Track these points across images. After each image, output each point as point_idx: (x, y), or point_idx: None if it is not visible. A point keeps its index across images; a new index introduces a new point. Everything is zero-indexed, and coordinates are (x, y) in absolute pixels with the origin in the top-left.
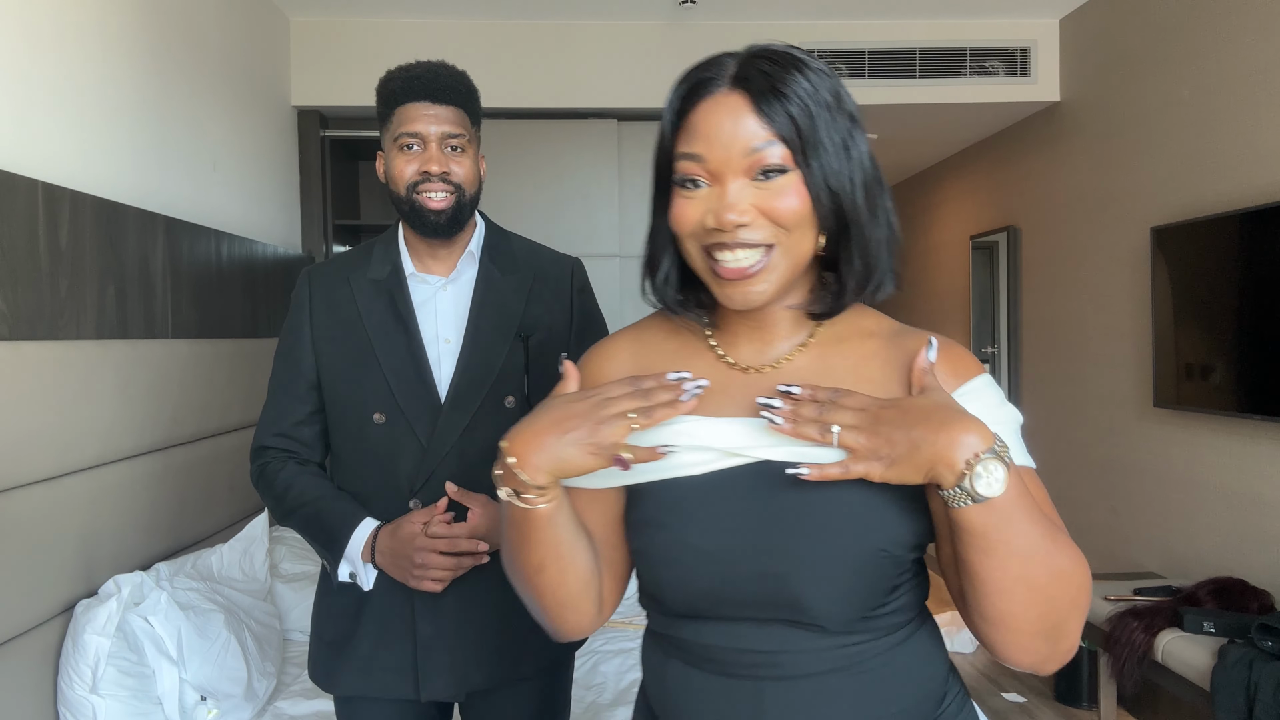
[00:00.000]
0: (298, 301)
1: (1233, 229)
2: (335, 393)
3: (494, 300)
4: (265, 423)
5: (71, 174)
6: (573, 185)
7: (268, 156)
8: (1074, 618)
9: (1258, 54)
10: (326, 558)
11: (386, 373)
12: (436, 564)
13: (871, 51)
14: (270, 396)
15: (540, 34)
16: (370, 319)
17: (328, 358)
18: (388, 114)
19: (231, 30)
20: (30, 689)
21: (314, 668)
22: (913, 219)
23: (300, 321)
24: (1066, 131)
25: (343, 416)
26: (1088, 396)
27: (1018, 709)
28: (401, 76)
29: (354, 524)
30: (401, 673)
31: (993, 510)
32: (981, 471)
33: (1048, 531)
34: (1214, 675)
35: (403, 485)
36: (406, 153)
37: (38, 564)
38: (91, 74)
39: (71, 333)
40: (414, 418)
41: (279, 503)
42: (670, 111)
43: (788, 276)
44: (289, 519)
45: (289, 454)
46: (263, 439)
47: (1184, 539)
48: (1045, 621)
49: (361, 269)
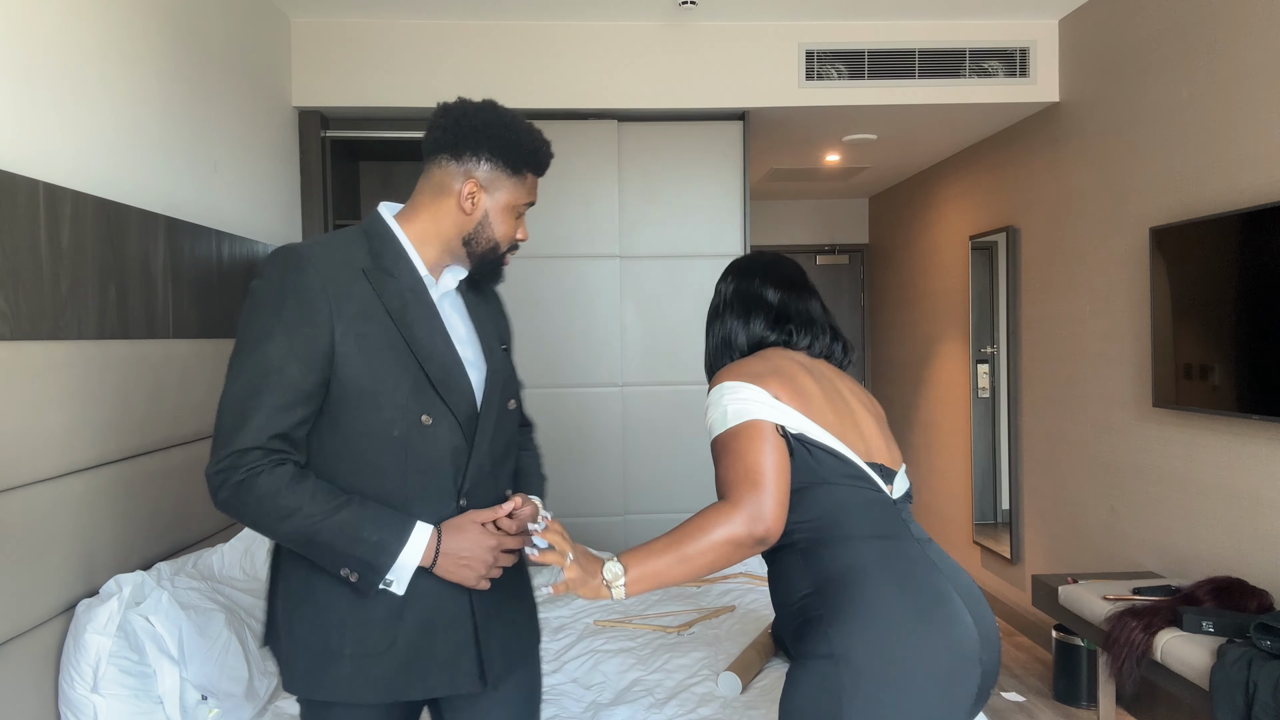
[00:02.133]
0: (302, 289)
1: (1232, 229)
2: (368, 395)
3: (481, 312)
4: (253, 425)
5: (73, 174)
6: (573, 185)
7: (269, 157)
8: (734, 555)
9: (1257, 54)
10: (364, 568)
11: (430, 374)
12: (503, 562)
13: (871, 52)
14: (253, 395)
15: (540, 34)
16: (402, 316)
17: (356, 356)
18: (521, 172)
19: (233, 31)
20: (31, 688)
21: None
22: (912, 219)
23: (314, 312)
24: (1066, 132)
25: (383, 420)
26: (1087, 396)
27: (1017, 708)
28: (544, 149)
29: (407, 529)
30: (456, 663)
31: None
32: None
33: (677, 559)
34: (1213, 674)
35: (449, 487)
36: (517, 219)
37: (38, 563)
38: (93, 74)
39: (72, 333)
40: (460, 419)
41: (286, 515)
42: None
43: None
44: (306, 530)
45: (282, 457)
46: (246, 442)
47: (1183, 539)
48: (719, 568)
49: (369, 262)
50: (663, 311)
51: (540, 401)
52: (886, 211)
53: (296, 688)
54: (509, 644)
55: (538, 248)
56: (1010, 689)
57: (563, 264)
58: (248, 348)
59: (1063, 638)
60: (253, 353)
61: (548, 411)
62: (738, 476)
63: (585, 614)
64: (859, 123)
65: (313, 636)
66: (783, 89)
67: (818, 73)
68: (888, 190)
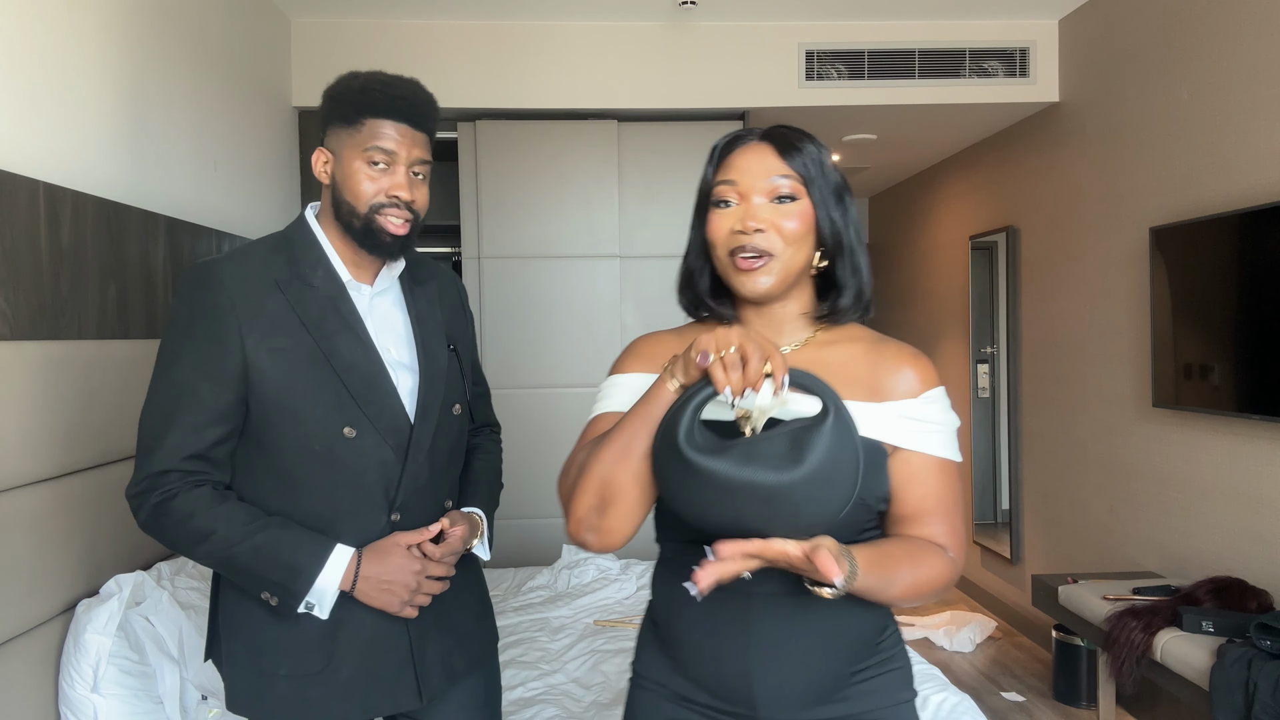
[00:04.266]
0: (210, 308)
1: (1232, 229)
2: (288, 410)
3: (425, 311)
4: (167, 446)
5: (73, 174)
6: (573, 186)
7: (268, 157)
8: (936, 595)
9: (1257, 54)
10: (281, 592)
11: (350, 386)
12: (429, 589)
13: (871, 52)
14: (166, 416)
15: (540, 34)
16: (320, 330)
17: (272, 372)
18: (355, 119)
19: (232, 31)
20: (31, 688)
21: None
22: (912, 219)
23: (223, 330)
24: (1066, 132)
25: (303, 435)
26: (1087, 396)
27: (1017, 708)
28: (382, 90)
29: (324, 553)
30: (396, 681)
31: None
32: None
33: (900, 582)
34: (1213, 674)
35: (380, 501)
36: (372, 169)
37: (38, 564)
38: (93, 74)
39: (72, 333)
40: (385, 431)
41: (202, 538)
42: (713, 156)
43: (785, 277)
44: (222, 553)
45: (200, 478)
46: (162, 464)
47: (1183, 538)
48: (912, 603)
49: (285, 273)
50: (663, 312)
51: (540, 402)
52: (886, 211)
53: (238, 708)
54: (449, 657)
55: (538, 248)
56: (1010, 689)
57: (563, 264)
58: (160, 369)
59: (1062, 638)
60: (165, 374)
61: (547, 412)
62: (959, 517)
63: (585, 614)
64: (859, 123)
65: (248, 657)
66: (783, 89)
67: (818, 73)
68: (888, 190)
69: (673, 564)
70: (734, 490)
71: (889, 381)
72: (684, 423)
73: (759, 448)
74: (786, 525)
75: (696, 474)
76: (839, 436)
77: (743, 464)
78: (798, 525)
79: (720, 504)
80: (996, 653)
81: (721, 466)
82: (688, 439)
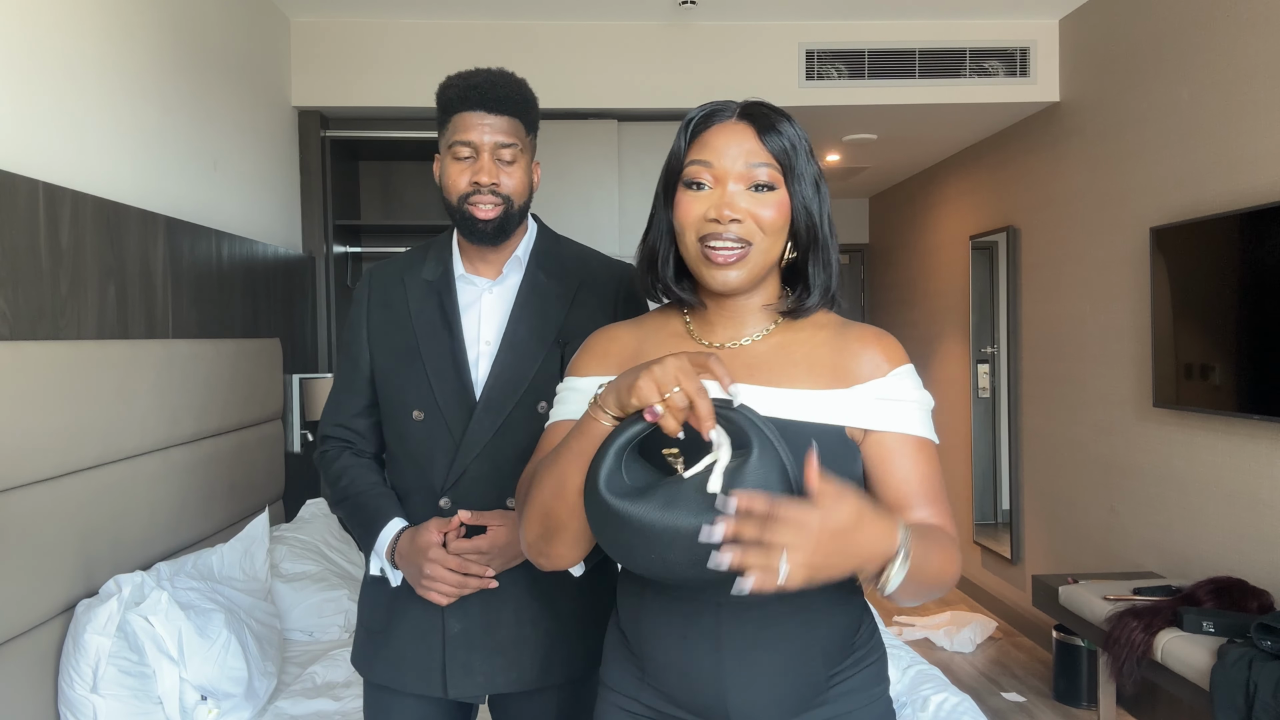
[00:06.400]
0: (357, 299)
1: (1232, 229)
2: (384, 389)
3: (536, 305)
4: (327, 413)
5: (72, 174)
6: (573, 185)
7: (268, 157)
8: (952, 581)
9: (1258, 54)
10: (364, 550)
11: (429, 371)
12: (443, 578)
13: (871, 52)
14: (333, 388)
15: (540, 34)
16: (419, 318)
17: (379, 354)
18: (445, 120)
19: (232, 30)
20: (31, 689)
21: (355, 652)
22: (912, 219)
23: (359, 318)
24: (1066, 132)
25: (390, 412)
26: (1087, 396)
27: (1017, 708)
28: (459, 84)
29: (384, 522)
30: (428, 670)
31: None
32: (891, 577)
33: (933, 561)
34: (1213, 675)
35: (435, 483)
36: (460, 161)
37: (38, 564)
38: (92, 74)
39: (72, 333)
40: (450, 417)
41: (332, 490)
42: (685, 130)
43: (757, 271)
44: (338, 507)
45: (346, 444)
46: (325, 429)
47: (1183, 539)
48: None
49: (416, 269)
50: None
51: None
52: (887, 211)
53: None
54: (489, 663)
55: None
56: (1010, 689)
57: None
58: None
59: (1063, 638)
60: (336, 357)
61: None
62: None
63: None
64: (859, 122)
65: (360, 605)
66: (783, 89)
67: (818, 72)
68: (888, 190)
69: (638, 576)
70: (657, 536)
71: (854, 364)
72: (605, 467)
73: (682, 491)
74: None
75: (617, 519)
76: (764, 470)
77: (666, 508)
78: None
79: (646, 549)
80: (997, 653)
81: (642, 512)
82: (609, 484)
